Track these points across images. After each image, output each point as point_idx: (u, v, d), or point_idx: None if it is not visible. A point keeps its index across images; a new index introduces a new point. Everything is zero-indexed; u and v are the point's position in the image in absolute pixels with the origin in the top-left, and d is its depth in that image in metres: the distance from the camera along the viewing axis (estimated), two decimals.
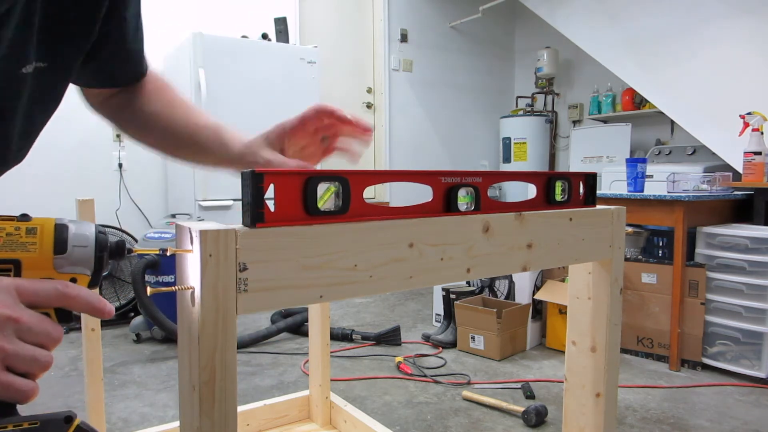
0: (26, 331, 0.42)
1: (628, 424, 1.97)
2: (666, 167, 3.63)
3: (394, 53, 4.93)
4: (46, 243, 0.45)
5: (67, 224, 0.46)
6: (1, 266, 0.44)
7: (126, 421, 1.98)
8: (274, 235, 0.50)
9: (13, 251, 0.44)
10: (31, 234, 0.45)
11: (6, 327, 0.41)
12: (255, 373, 2.44)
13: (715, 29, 3.24)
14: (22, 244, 0.45)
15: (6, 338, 0.41)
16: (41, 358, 0.43)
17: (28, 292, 0.43)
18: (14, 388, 0.41)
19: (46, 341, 0.43)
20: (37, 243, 0.45)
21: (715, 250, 2.47)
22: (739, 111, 2.76)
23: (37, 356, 0.42)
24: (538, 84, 5.44)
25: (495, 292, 2.97)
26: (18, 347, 0.41)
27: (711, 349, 2.47)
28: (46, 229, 0.45)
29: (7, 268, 0.44)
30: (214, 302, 0.46)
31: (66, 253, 0.46)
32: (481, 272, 0.66)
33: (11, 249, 0.44)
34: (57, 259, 0.45)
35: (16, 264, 0.45)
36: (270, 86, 3.51)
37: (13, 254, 0.44)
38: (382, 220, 0.58)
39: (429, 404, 2.13)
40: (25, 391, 0.42)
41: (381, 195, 4.98)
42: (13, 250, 0.44)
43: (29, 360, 0.42)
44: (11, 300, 0.42)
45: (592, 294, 0.83)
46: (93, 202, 1.56)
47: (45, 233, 0.45)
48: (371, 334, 2.84)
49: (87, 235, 0.47)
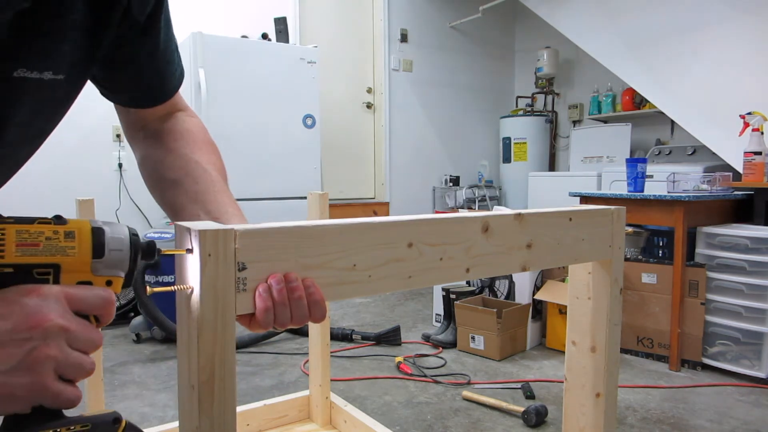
0: (74, 339, 0.44)
1: (628, 424, 1.97)
2: (666, 167, 3.63)
3: (394, 53, 4.93)
4: (85, 247, 0.45)
5: (103, 227, 0.46)
6: (42, 270, 0.45)
7: None
8: (273, 234, 0.50)
9: (53, 255, 0.45)
10: (70, 238, 0.45)
11: (58, 336, 0.42)
12: (255, 373, 2.44)
13: (715, 29, 3.24)
14: (62, 248, 0.45)
15: (58, 347, 0.42)
16: (86, 365, 0.44)
17: (77, 299, 0.44)
18: (64, 397, 0.43)
19: (90, 348, 0.45)
20: (75, 247, 0.45)
21: (715, 250, 2.47)
22: (739, 111, 2.76)
23: (83, 363, 0.44)
24: (538, 84, 5.44)
25: (495, 292, 2.97)
26: (68, 355, 0.43)
27: (711, 349, 2.46)
28: (84, 233, 0.45)
29: (47, 272, 0.45)
30: (214, 302, 0.46)
31: (104, 257, 0.46)
32: (480, 272, 0.66)
33: (51, 253, 0.44)
34: (95, 263, 0.46)
35: (56, 268, 0.45)
36: (270, 86, 3.51)
37: (53, 258, 0.45)
38: (382, 219, 0.58)
39: (429, 404, 2.12)
40: (73, 399, 0.44)
41: (381, 195, 4.98)
42: (53, 255, 0.45)
43: (77, 367, 0.44)
44: (62, 309, 0.43)
45: (592, 294, 0.83)
46: (93, 202, 1.56)
47: (83, 237, 0.45)
48: (371, 334, 2.84)
49: (122, 238, 0.47)
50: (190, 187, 0.68)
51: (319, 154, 3.76)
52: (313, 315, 0.54)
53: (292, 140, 3.62)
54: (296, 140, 3.64)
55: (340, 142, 4.79)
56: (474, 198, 4.97)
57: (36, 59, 0.56)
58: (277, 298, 0.51)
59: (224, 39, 3.42)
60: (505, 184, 5.36)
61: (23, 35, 0.53)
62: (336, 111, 4.72)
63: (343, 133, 4.81)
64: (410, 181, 5.10)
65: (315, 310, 0.54)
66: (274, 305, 0.51)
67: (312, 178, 3.72)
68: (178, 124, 0.77)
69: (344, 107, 4.84)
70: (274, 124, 3.54)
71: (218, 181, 0.70)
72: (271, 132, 3.54)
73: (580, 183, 4.16)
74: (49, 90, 0.58)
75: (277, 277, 0.51)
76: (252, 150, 3.46)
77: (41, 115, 0.62)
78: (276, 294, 0.51)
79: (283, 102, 3.56)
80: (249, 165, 3.45)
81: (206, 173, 0.70)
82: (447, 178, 5.22)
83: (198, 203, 0.66)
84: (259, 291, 0.51)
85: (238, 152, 3.40)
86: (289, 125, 3.61)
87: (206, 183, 0.68)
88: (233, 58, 3.37)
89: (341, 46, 4.78)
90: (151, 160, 0.74)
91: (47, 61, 0.56)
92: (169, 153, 0.72)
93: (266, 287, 0.51)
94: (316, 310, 0.54)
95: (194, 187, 0.68)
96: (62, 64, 0.58)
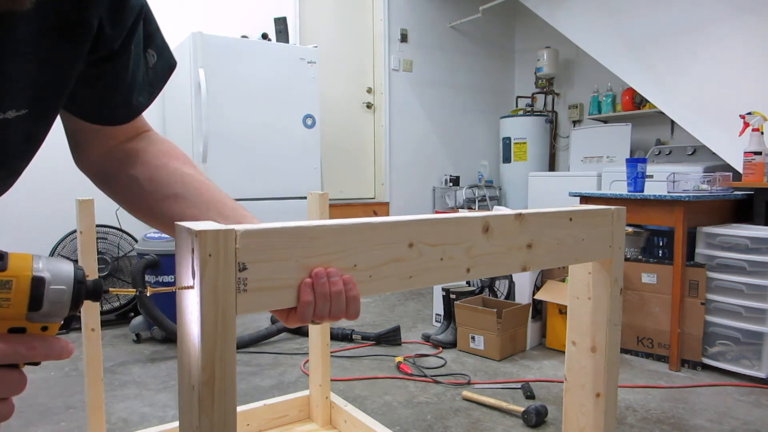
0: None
1: (628, 424, 1.97)
2: (666, 167, 3.63)
3: (394, 53, 4.93)
4: (21, 300, 0.43)
5: (44, 276, 0.44)
6: None
7: (126, 421, 1.98)
8: (274, 234, 0.50)
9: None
10: (6, 289, 0.43)
11: None
12: (255, 373, 2.44)
13: (715, 29, 3.24)
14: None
15: None
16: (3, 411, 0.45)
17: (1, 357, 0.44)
18: None
19: (9, 395, 0.45)
20: (11, 299, 0.43)
21: (715, 250, 2.47)
22: (739, 111, 2.76)
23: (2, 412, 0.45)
24: (538, 84, 5.44)
25: (495, 292, 2.97)
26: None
27: (711, 349, 2.46)
28: (22, 284, 0.43)
29: None
30: (214, 302, 0.46)
31: (40, 309, 0.44)
32: (481, 272, 0.66)
33: None
34: (30, 314, 0.44)
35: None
36: (270, 86, 3.51)
37: None
38: (382, 220, 0.58)
39: (429, 404, 2.12)
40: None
41: (381, 195, 4.98)
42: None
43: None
44: None
45: (593, 294, 0.83)
46: (92, 202, 1.56)
47: (20, 288, 0.43)
48: (371, 334, 2.84)
49: (63, 289, 0.44)
50: (198, 199, 0.66)
51: (319, 154, 3.76)
52: (350, 310, 0.56)
53: (292, 140, 3.62)
54: (296, 140, 3.64)
55: (340, 142, 4.79)
56: (474, 198, 4.97)
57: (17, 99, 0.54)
58: (318, 292, 0.54)
59: (224, 39, 3.42)
60: (505, 184, 5.36)
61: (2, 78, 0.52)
62: (336, 111, 4.72)
63: (343, 133, 4.81)
64: (410, 181, 5.10)
65: (352, 305, 0.56)
66: (316, 299, 0.54)
67: (312, 178, 3.72)
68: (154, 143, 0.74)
69: (344, 107, 4.83)
70: (274, 124, 3.54)
71: (219, 190, 0.69)
72: (271, 132, 3.54)
73: (580, 183, 4.16)
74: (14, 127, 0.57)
75: (319, 271, 0.54)
76: (252, 150, 3.46)
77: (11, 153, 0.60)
78: (318, 288, 0.54)
79: (283, 102, 3.56)
80: (249, 165, 3.45)
81: (205, 183, 0.69)
82: (447, 178, 5.22)
83: (212, 211, 0.65)
84: (304, 284, 0.53)
85: (238, 152, 3.40)
86: (289, 125, 3.61)
87: (211, 192, 0.68)
88: (233, 58, 3.37)
89: (341, 46, 4.78)
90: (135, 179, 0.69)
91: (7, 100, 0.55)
92: (158, 169, 0.69)
93: (310, 282, 0.54)
94: (352, 306, 0.56)
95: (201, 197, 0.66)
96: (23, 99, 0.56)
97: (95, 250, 1.58)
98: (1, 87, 0.54)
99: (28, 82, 0.56)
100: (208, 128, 3.25)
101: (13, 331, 0.44)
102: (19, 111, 0.56)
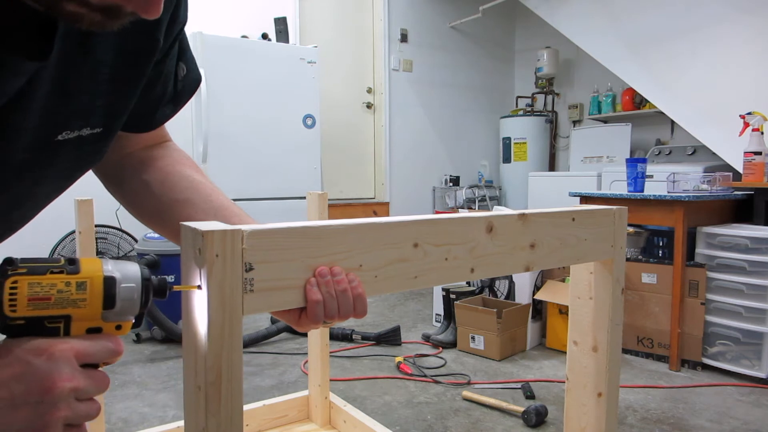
0: (83, 393, 0.46)
1: (629, 424, 1.97)
2: (666, 167, 3.63)
3: (394, 53, 4.93)
4: (96, 299, 0.46)
5: (114, 276, 0.47)
6: (53, 322, 0.45)
7: (126, 421, 1.98)
8: (280, 235, 0.50)
9: (63, 308, 0.45)
10: (82, 290, 0.45)
11: (68, 397, 0.44)
12: (255, 373, 2.44)
13: (715, 29, 3.24)
14: (73, 302, 0.45)
15: (68, 407, 0.45)
16: (93, 412, 0.47)
17: (86, 355, 0.46)
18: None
19: (98, 394, 0.48)
20: (87, 300, 0.46)
21: (715, 250, 2.47)
22: (739, 111, 2.76)
23: (90, 411, 0.47)
24: (538, 84, 5.45)
25: (495, 292, 2.97)
26: (76, 410, 0.45)
27: (711, 349, 2.47)
28: (96, 284, 0.46)
29: (58, 322, 0.46)
30: (221, 303, 0.46)
31: (114, 308, 0.47)
32: (484, 272, 0.66)
33: (62, 306, 0.45)
34: (105, 313, 0.47)
35: (67, 319, 0.46)
36: (270, 86, 3.51)
37: (64, 311, 0.45)
38: (388, 220, 0.58)
39: (429, 404, 2.13)
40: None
41: (381, 195, 4.98)
42: (64, 307, 0.45)
43: (84, 417, 0.46)
44: (71, 370, 0.45)
45: (594, 294, 0.83)
46: (91, 202, 1.56)
47: (95, 289, 0.46)
48: (371, 334, 2.84)
49: (133, 286, 0.47)
50: (206, 205, 0.67)
51: (319, 154, 3.76)
52: (357, 309, 0.55)
53: (292, 140, 3.62)
54: (296, 140, 3.64)
55: (340, 142, 4.79)
56: (474, 198, 4.97)
57: (76, 120, 0.56)
58: (324, 291, 0.52)
59: (224, 39, 3.42)
60: (505, 184, 5.36)
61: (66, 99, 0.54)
62: (336, 111, 4.72)
63: (342, 133, 4.81)
64: (410, 181, 5.10)
65: (358, 303, 0.55)
66: (323, 298, 0.52)
67: (312, 178, 3.72)
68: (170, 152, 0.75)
69: (344, 107, 4.83)
70: (274, 123, 3.54)
71: (227, 197, 0.70)
72: (271, 132, 3.54)
73: (580, 183, 4.16)
74: (87, 144, 0.59)
75: (323, 270, 0.53)
76: (252, 150, 3.46)
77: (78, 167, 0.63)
78: (324, 287, 0.52)
79: (283, 102, 3.56)
80: (249, 165, 3.45)
81: (215, 191, 0.70)
82: (447, 178, 5.22)
83: (219, 218, 0.66)
84: (309, 283, 0.52)
85: (238, 152, 3.40)
86: (289, 125, 3.61)
87: (220, 200, 0.68)
88: (233, 58, 3.37)
89: (341, 46, 4.78)
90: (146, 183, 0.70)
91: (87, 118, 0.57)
92: (170, 175, 0.70)
93: (314, 281, 0.52)
94: (359, 304, 0.55)
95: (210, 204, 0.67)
96: (99, 117, 0.58)
97: (94, 250, 1.58)
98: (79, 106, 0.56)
99: (104, 102, 0.57)
100: (208, 128, 3.25)
101: (90, 331, 0.47)
102: (94, 129, 0.58)
